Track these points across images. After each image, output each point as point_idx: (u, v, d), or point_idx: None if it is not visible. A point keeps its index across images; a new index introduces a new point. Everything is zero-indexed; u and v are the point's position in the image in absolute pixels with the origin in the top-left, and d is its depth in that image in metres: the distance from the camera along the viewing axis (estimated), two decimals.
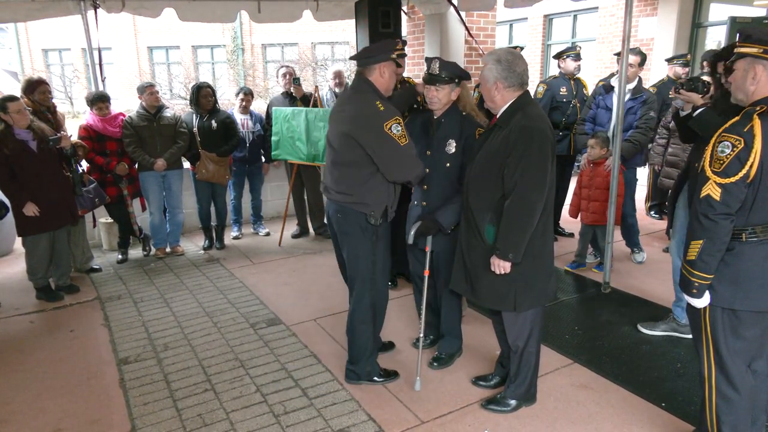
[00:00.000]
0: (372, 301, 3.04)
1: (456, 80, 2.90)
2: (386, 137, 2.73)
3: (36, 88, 4.55)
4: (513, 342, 2.81)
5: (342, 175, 2.88)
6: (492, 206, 2.59)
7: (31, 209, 4.13)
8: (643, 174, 5.41)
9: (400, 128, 2.75)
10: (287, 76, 5.79)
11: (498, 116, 2.63)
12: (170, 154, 5.16)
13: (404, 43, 4.54)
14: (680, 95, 3.25)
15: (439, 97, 2.91)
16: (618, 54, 4.55)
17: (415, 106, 3.44)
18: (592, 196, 4.65)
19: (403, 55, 4.36)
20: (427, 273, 3.11)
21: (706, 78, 3.58)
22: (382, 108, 2.76)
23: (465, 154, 2.93)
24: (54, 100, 4.85)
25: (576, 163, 5.51)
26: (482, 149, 2.67)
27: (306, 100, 5.70)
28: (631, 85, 4.71)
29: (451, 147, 2.96)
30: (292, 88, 5.72)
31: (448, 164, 2.97)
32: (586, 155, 4.75)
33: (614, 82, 4.74)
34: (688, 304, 2.30)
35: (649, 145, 5.64)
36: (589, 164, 4.69)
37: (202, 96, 5.36)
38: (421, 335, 3.17)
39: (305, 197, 6.08)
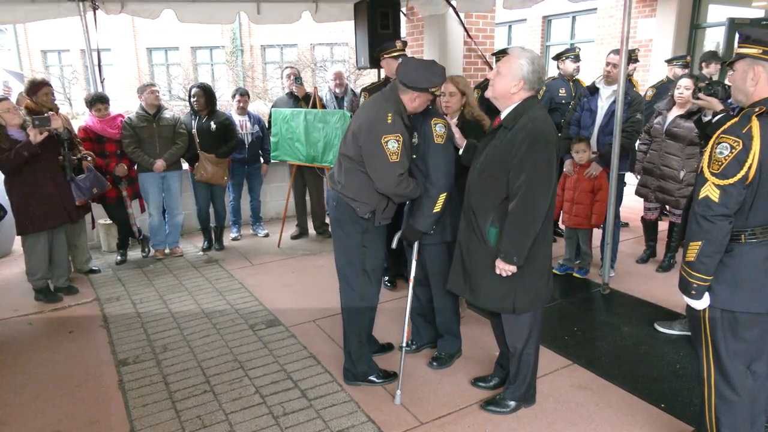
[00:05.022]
0: (360, 294, 3.06)
1: None
2: (378, 147, 2.77)
3: (39, 89, 4.53)
4: (511, 344, 2.81)
5: (344, 168, 2.94)
6: (494, 208, 2.58)
7: (34, 134, 3.99)
8: (632, 179, 5.12)
9: (396, 145, 2.77)
10: (291, 77, 5.79)
11: (503, 117, 2.62)
12: (169, 155, 5.16)
13: (404, 44, 4.56)
14: (699, 100, 3.20)
15: None
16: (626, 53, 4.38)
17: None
18: (576, 199, 4.60)
19: (403, 56, 4.38)
20: (410, 281, 3.15)
21: (727, 83, 3.51)
22: (389, 121, 2.79)
23: (420, 148, 2.98)
24: (55, 102, 4.82)
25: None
26: (486, 151, 2.66)
27: (309, 99, 5.70)
28: (614, 87, 4.41)
29: (415, 139, 3.00)
30: (294, 88, 5.73)
31: (414, 155, 3.00)
32: (571, 160, 4.61)
33: (599, 83, 4.63)
34: (688, 306, 2.30)
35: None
36: (575, 168, 4.62)
37: (192, 96, 5.37)
38: (403, 344, 3.15)
39: (307, 198, 6.09)
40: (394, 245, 3.14)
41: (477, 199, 2.66)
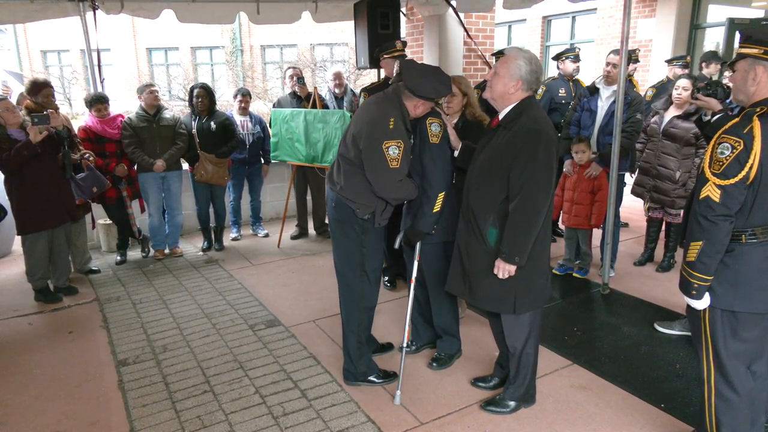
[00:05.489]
0: (360, 294, 3.06)
1: None
2: (379, 153, 2.75)
3: (40, 90, 4.51)
4: (511, 344, 2.81)
5: (343, 170, 2.93)
6: (494, 208, 2.58)
7: (34, 133, 3.98)
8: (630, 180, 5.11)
9: (397, 151, 2.75)
10: (294, 77, 5.80)
11: (501, 117, 2.62)
12: (169, 155, 5.16)
13: (404, 44, 4.55)
14: (697, 100, 3.20)
15: None
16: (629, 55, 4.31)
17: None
18: (576, 200, 4.59)
19: (403, 56, 4.38)
20: (412, 281, 3.15)
21: (726, 83, 3.50)
22: (391, 126, 2.76)
23: (415, 148, 2.98)
24: (55, 103, 4.81)
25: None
26: (484, 151, 2.66)
27: (310, 98, 5.69)
28: (614, 87, 4.42)
29: (411, 140, 3.01)
30: (297, 88, 5.73)
31: (410, 156, 3.00)
32: (570, 161, 4.61)
33: (599, 84, 4.63)
34: (688, 306, 2.30)
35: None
36: (575, 168, 4.60)
37: (195, 97, 5.36)
38: (405, 344, 3.15)
39: (308, 198, 6.09)
40: (396, 246, 3.15)
41: (476, 199, 2.66)
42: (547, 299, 2.77)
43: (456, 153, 3.03)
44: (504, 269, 2.53)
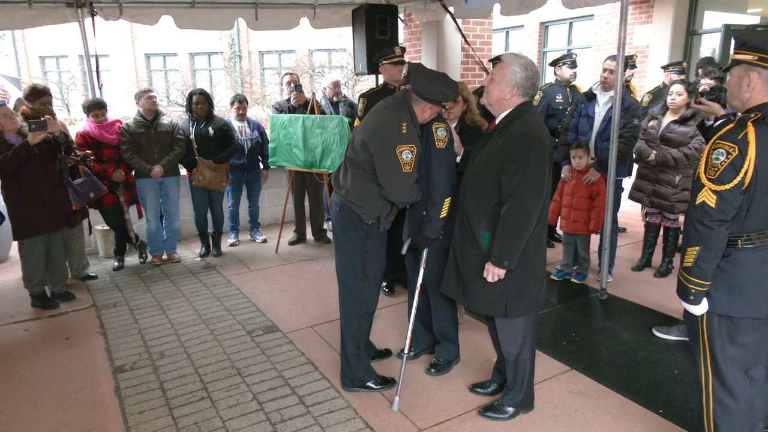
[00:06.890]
0: (360, 300, 3.06)
1: None
2: (393, 157, 2.78)
3: (39, 97, 4.52)
4: (506, 350, 2.81)
5: (350, 174, 2.93)
6: (488, 212, 2.59)
7: (32, 135, 3.97)
8: (629, 185, 5.10)
9: (410, 156, 2.79)
10: (291, 84, 5.81)
11: (497, 122, 2.63)
12: (167, 161, 5.16)
13: (403, 50, 4.57)
14: (701, 105, 3.21)
15: None
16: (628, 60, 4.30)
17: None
18: (575, 205, 4.59)
19: (402, 62, 4.39)
20: (417, 288, 3.14)
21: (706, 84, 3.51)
22: (404, 131, 2.79)
23: (422, 153, 2.97)
24: (51, 108, 4.81)
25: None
26: (480, 155, 2.67)
27: (307, 105, 5.70)
28: (611, 93, 4.40)
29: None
30: (293, 95, 5.73)
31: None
32: (569, 166, 4.61)
33: (596, 89, 4.65)
34: (685, 311, 2.30)
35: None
36: (573, 174, 4.61)
37: (194, 103, 5.36)
38: (406, 350, 3.15)
39: (305, 203, 6.09)
40: (403, 252, 3.14)
41: (470, 202, 2.67)
42: (541, 305, 2.77)
43: (458, 159, 3.05)
44: (493, 272, 2.54)
